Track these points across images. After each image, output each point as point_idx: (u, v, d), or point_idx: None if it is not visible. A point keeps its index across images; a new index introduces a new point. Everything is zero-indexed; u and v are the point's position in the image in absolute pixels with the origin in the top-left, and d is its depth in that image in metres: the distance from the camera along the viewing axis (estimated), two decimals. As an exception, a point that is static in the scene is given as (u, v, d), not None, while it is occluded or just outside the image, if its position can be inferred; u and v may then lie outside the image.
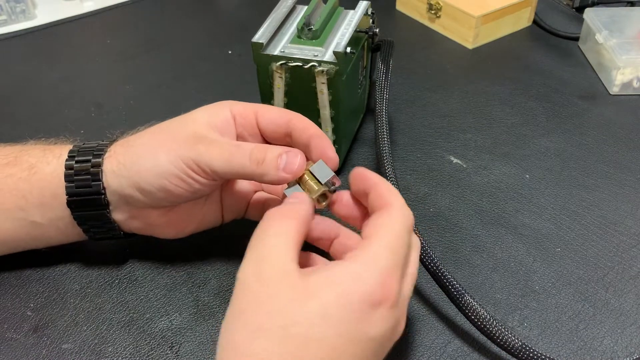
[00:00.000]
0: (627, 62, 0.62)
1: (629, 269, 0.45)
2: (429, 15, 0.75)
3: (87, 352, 0.40)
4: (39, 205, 0.40)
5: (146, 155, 0.38)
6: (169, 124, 0.40)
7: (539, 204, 0.51)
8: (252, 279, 0.31)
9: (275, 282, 0.30)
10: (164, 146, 0.38)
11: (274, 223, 0.33)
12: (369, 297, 0.29)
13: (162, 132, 0.39)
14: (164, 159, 0.38)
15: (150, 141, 0.39)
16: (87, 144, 0.41)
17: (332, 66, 0.46)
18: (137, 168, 0.38)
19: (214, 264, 0.46)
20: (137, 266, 0.46)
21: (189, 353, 0.40)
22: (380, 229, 0.32)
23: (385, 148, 0.45)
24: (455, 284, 0.39)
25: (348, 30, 0.48)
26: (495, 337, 0.37)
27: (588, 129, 0.59)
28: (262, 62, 0.48)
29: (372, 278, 0.30)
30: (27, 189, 0.40)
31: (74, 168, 0.40)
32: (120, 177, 0.39)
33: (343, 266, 0.31)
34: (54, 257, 0.47)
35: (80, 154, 0.40)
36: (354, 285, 0.30)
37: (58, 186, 0.40)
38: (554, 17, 0.77)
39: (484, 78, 0.67)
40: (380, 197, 0.35)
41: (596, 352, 0.40)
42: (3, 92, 0.67)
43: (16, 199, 0.40)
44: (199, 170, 0.38)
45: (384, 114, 0.47)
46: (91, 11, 0.82)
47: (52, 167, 0.40)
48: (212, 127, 0.39)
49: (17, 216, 0.41)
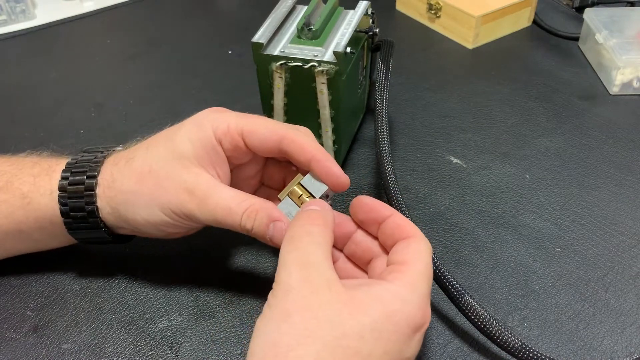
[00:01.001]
0: (627, 62, 0.62)
1: (629, 269, 0.45)
2: (429, 15, 0.75)
3: (87, 352, 0.40)
4: (37, 229, 0.41)
5: (139, 205, 0.38)
6: (155, 166, 0.38)
7: (539, 204, 0.51)
8: (300, 283, 0.31)
9: (323, 290, 0.30)
10: (156, 199, 0.38)
11: (314, 230, 0.34)
12: (412, 321, 0.31)
13: (150, 180, 0.38)
14: (157, 212, 0.38)
15: (142, 190, 0.38)
16: (80, 161, 0.41)
17: (332, 66, 0.46)
18: (131, 216, 0.39)
19: (214, 264, 0.46)
20: (137, 266, 0.46)
21: (189, 353, 0.40)
22: (414, 257, 0.34)
23: (385, 148, 0.45)
24: (455, 284, 0.39)
25: (348, 31, 0.48)
26: (495, 337, 0.37)
27: (588, 129, 0.59)
28: (262, 62, 0.47)
29: (415, 302, 0.31)
30: (23, 215, 0.40)
31: (68, 191, 0.39)
32: (115, 218, 0.40)
33: (389, 286, 0.32)
34: (54, 257, 0.47)
35: (74, 174, 0.40)
36: (402, 307, 0.31)
37: (54, 215, 0.40)
38: (554, 17, 0.77)
39: (484, 78, 0.67)
40: (399, 227, 0.36)
41: (596, 352, 0.40)
42: (3, 92, 0.67)
43: (14, 224, 0.41)
44: (192, 221, 0.38)
45: (384, 114, 0.47)
46: (91, 11, 0.82)
47: (46, 199, 0.40)
48: (201, 164, 0.38)
49: (16, 236, 0.42)
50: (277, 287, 0.31)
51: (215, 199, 0.37)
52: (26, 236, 0.42)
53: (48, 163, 0.42)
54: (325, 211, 0.36)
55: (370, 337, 0.29)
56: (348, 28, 0.48)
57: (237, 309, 0.43)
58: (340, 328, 0.29)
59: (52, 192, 0.40)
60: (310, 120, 0.48)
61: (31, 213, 0.40)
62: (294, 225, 0.34)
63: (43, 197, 0.40)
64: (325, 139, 0.50)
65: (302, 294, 0.30)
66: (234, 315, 0.42)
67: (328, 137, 0.50)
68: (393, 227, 0.36)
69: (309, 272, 0.31)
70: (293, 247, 0.33)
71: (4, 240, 0.42)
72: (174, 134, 0.39)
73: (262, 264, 0.46)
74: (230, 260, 0.47)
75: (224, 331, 0.41)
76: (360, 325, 0.29)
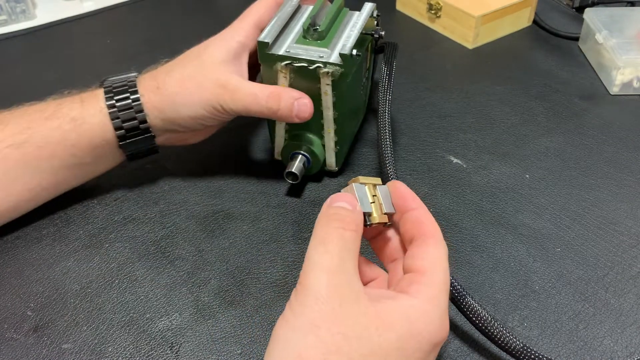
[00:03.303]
0: (627, 62, 0.62)
1: (629, 269, 0.45)
2: (429, 15, 0.75)
3: (87, 352, 0.40)
4: (89, 151, 0.47)
5: (183, 103, 0.46)
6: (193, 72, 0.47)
7: (539, 204, 0.51)
8: (328, 293, 0.30)
9: (351, 303, 0.30)
10: (197, 96, 0.46)
11: (346, 236, 0.32)
12: (434, 337, 0.31)
13: (191, 83, 0.46)
14: (198, 107, 0.46)
15: (184, 92, 0.46)
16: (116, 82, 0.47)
17: (337, 68, 0.45)
18: (175, 115, 0.47)
19: (214, 264, 0.46)
20: (137, 266, 0.46)
21: (189, 353, 0.40)
22: (434, 264, 0.33)
23: (387, 150, 0.45)
24: (457, 285, 0.38)
25: (354, 32, 0.48)
26: (496, 338, 0.37)
27: (588, 129, 0.59)
28: (267, 61, 0.47)
29: (437, 319, 0.31)
30: (75, 138, 0.46)
31: (117, 107, 0.46)
32: (161, 120, 0.47)
33: (414, 302, 0.31)
34: (54, 257, 0.47)
35: (117, 93, 0.46)
36: (426, 326, 0.31)
37: (106, 131, 0.46)
38: (554, 17, 0.77)
39: (484, 78, 0.67)
40: (420, 224, 0.35)
41: (596, 352, 0.40)
42: (3, 92, 0.67)
43: (67, 147, 0.46)
44: (226, 112, 0.47)
45: (387, 117, 0.47)
46: (91, 11, 0.82)
47: (97, 119, 0.46)
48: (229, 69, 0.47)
49: (69, 162, 0.47)
50: (302, 291, 0.30)
51: (244, 89, 0.46)
52: (78, 161, 0.47)
53: (86, 93, 0.48)
54: (357, 213, 0.34)
55: (395, 355, 0.29)
56: (354, 30, 0.48)
57: (237, 309, 0.43)
58: (368, 345, 0.29)
59: (102, 110, 0.46)
60: (313, 120, 0.48)
61: (83, 134, 0.46)
62: (326, 224, 0.33)
63: (94, 117, 0.46)
64: (327, 139, 0.50)
65: (330, 305, 0.30)
66: (234, 315, 0.42)
67: (330, 137, 0.50)
68: (414, 221, 0.35)
69: (339, 281, 0.30)
70: (324, 250, 0.31)
71: (59, 170, 0.47)
72: (204, 49, 0.48)
73: (262, 264, 0.46)
74: (230, 260, 0.47)
75: (224, 331, 0.41)
76: (387, 343, 0.29)
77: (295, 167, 0.49)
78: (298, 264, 0.46)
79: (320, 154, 0.51)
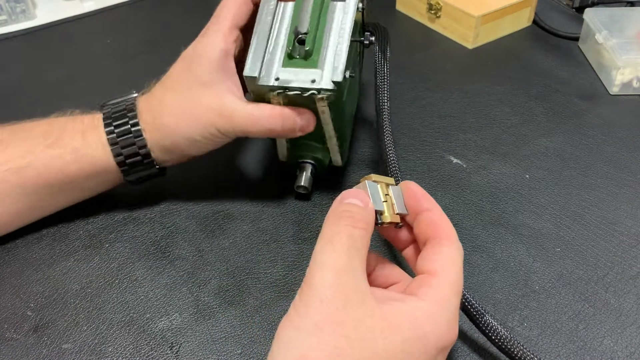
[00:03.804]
0: (627, 62, 0.61)
1: (629, 269, 0.45)
2: (429, 15, 0.75)
3: (87, 352, 0.40)
4: (90, 179, 0.46)
5: (181, 135, 0.45)
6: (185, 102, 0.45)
7: (539, 204, 0.51)
8: (334, 294, 0.29)
9: (357, 304, 0.29)
10: (194, 127, 0.45)
11: (355, 234, 0.32)
12: (440, 341, 0.30)
13: (186, 114, 0.45)
14: (196, 136, 0.45)
15: (179, 122, 0.45)
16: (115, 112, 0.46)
17: (331, 93, 0.42)
18: (174, 145, 0.46)
19: (214, 264, 0.46)
20: (137, 266, 0.46)
21: (189, 353, 0.40)
22: (445, 266, 0.33)
23: (390, 149, 0.45)
24: (475, 304, 0.37)
25: (343, 46, 0.43)
26: (517, 357, 0.36)
27: (588, 129, 0.59)
28: (257, 92, 0.44)
29: (445, 322, 0.31)
30: (77, 168, 0.45)
31: (118, 142, 0.45)
32: (162, 153, 0.46)
33: (421, 305, 0.31)
34: (54, 257, 0.47)
35: (117, 126, 0.45)
36: (433, 329, 0.30)
37: (108, 162, 0.46)
38: (554, 17, 0.77)
39: (484, 78, 0.67)
40: (435, 224, 0.35)
41: (596, 352, 0.40)
42: (3, 92, 0.67)
43: (67, 176, 0.45)
44: (225, 136, 0.45)
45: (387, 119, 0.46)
46: (91, 11, 0.82)
47: (99, 152, 0.45)
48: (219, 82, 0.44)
49: (69, 187, 0.46)
50: (308, 291, 0.30)
51: (240, 113, 0.44)
52: (78, 186, 0.47)
53: (88, 119, 0.47)
54: (369, 211, 0.33)
55: (400, 357, 0.29)
56: (342, 39, 0.43)
57: (237, 309, 0.43)
58: (372, 348, 0.29)
59: (105, 147, 0.45)
60: (315, 129, 0.46)
61: (85, 165, 0.45)
62: (335, 222, 0.32)
63: (96, 150, 0.45)
64: (330, 145, 0.49)
65: (335, 306, 0.29)
66: (234, 315, 0.42)
67: (333, 143, 0.49)
68: (428, 222, 0.35)
69: (345, 282, 0.30)
70: (332, 249, 0.31)
71: (57, 194, 0.46)
72: (188, 70, 0.45)
73: (262, 264, 0.46)
74: (230, 260, 0.47)
75: (224, 331, 0.41)
76: (392, 346, 0.29)
77: (305, 180, 0.49)
78: (298, 264, 0.46)
79: (324, 158, 0.50)
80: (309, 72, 0.43)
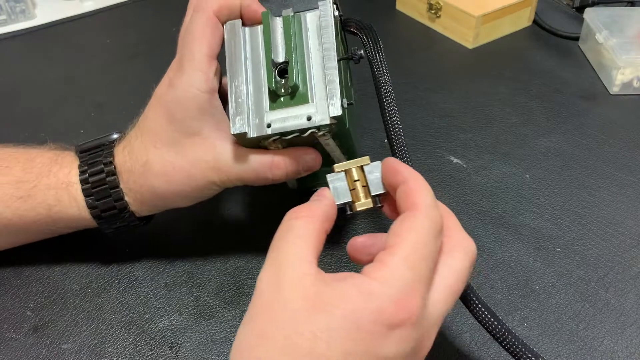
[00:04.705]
0: (627, 62, 0.61)
1: (629, 269, 0.45)
2: (429, 15, 0.75)
3: (87, 352, 0.40)
4: (65, 228, 0.44)
5: (169, 190, 0.41)
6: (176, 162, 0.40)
7: (539, 204, 0.51)
8: (267, 284, 0.30)
9: (288, 290, 0.29)
10: (188, 185, 0.40)
11: (295, 224, 0.31)
12: (380, 317, 0.28)
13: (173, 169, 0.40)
14: (188, 191, 0.41)
15: (173, 185, 0.40)
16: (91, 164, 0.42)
17: (332, 126, 0.37)
18: (161, 201, 0.42)
19: (214, 264, 0.46)
20: (137, 266, 0.46)
21: (189, 353, 0.40)
22: (402, 238, 0.30)
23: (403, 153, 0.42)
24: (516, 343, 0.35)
25: (333, 72, 0.37)
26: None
27: (588, 129, 0.59)
28: (250, 143, 0.39)
29: (387, 297, 0.28)
30: (52, 222, 0.43)
31: (98, 206, 0.41)
32: (142, 208, 0.42)
33: (359, 281, 0.29)
34: (54, 257, 0.47)
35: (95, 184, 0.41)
36: (366, 304, 0.28)
37: (85, 219, 0.42)
38: (554, 17, 0.77)
39: (484, 78, 0.67)
40: (407, 195, 0.32)
41: (596, 352, 0.40)
42: (3, 92, 0.67)
43: (41, 225, 0.43)
44: (220, 187, 0.41)
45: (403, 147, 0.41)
46: (91, 11, 0.82)
47: (74, 210, 0.42)
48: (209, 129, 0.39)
49: (43, 232, 0.44)
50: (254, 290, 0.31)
51: (240, 167, 0.39)
52: (52, 231, 0.44)
53: (63, 174, 0.42)
54: (323, 202, 0.33)
55: (325, 336, 0.27)
56: (330, 65, 0.37)
57: (237, 309, 0.43)
58: (294, 327, 0.28)
59: (80, 209, 0.42)
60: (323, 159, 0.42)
61: (60, 221, 0.43)
62: (284, 221, 0.32)
63: (71, 208, 0.42)
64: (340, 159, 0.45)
65: (267, 295, 0.29)
66: (234, 315, 0.42)
67: (343, 158, 0.44)
68: (402, 195, 0.32)
69: (279, 272, 0.30)
70: (274, 247, 0.31)
71: (32, 235, 0.45)
72: (170, 119, 0.39)
73: (262, 264, 0.46)
74: (230, 260, 0.47)
75: (224, 331, 0.41)
76: (316, 324, 0.28)
77: None
78: (298, 264, 0.46)
79: None
80: (301, 109, 0.37)
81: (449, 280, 0.31)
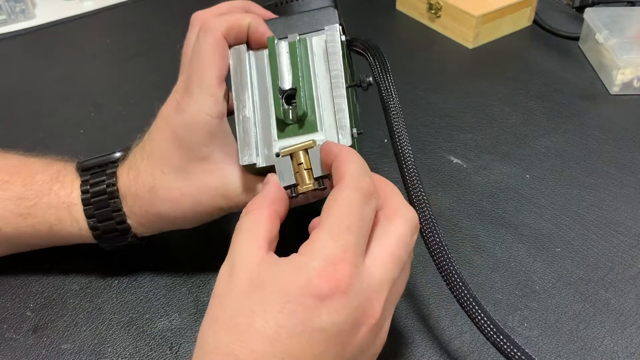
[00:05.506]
0: (628, 62, 0.61)
1: (629, 269, 0.45)
2: (429, 15, 0.75)
3: (87, 352, 0.40)
4: (66, 243, 0.44)
5: (175, 215, 0.40)
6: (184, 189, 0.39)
7: (539, 204, 0.51)
8: (222, 275, 0.31)
9: (236, 275, 0.30)
10: (192, 205, 0.40)
11: (244, 220, 0.33)
12: (308, 289, 0.28)
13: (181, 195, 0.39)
14: (195, 216, 0.41)
15: (175, 210, 0.40)
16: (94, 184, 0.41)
17: None
18: (166, 224, 0.42)
19: (214, 264, 0.46)
20: (137, 266, 0.46)
21: (189, 353, 0.40)
22: (325, 212, 0.30)
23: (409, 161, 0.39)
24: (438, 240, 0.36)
25: (342, 101, 0.36)
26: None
27: (588, 129, 0.59)
28: (258, 172, 0.38)
29: (312, 269, 0.29)
30: (55, 239, 0.43)
31: (100, 227, 0.41)
32: (144, 231, 0.42)
33: (293, 259, 0.30)
34: (54, 257, 0.47)
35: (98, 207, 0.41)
36: (294, 278, 0.29)
37: (86, 237, 0.42)
38: (554, 17, 0.77)
39: (484, 78, 0.67)
40: (336, 169, 0.32)
41: (596, 352, 0.40)
42: (3, 92, 0.67)
43: (41, 241, 0.43)
44: (227, 212, 0.41)
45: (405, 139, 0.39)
46: (91, 11, 0.82)
47: (76, 229, 0.42)
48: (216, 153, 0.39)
49: (43, 245, 0.44)
50: None
51: (248, 196, 0.38)
52: (53, 244, 0.44)
53: (65, 193, 0.41)
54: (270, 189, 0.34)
55: (260, 311, 0.29)
56: (339, 93, 0.36)
57: (237, 309, 0.43)
58: (237, 307, 0.29)
59: (81, 229, 0.42)
60: None
61: (61, 238, 0.43)
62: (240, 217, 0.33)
63: (72, 228, 0.42)
64: None
65: (221, 284, 0.31)
66: (234, 316, 0.42)
67: None
68: (334, 169, 0.32)
69: (232, 260, 0.31)
70: (231, 244, 0.33)
71: (30, 249, 0.45)
72: (178, 144, 0.38)
73: (262, 264, 0.46)
74: (230, 260, 0.47)
75: (224, 331, 0.41)
76: (253, 302, 0.29)
77: None
78: (298, 264, 0.46)
79: None
80: (311, 136, 0.37)
81: (388, 246, 0.31)
